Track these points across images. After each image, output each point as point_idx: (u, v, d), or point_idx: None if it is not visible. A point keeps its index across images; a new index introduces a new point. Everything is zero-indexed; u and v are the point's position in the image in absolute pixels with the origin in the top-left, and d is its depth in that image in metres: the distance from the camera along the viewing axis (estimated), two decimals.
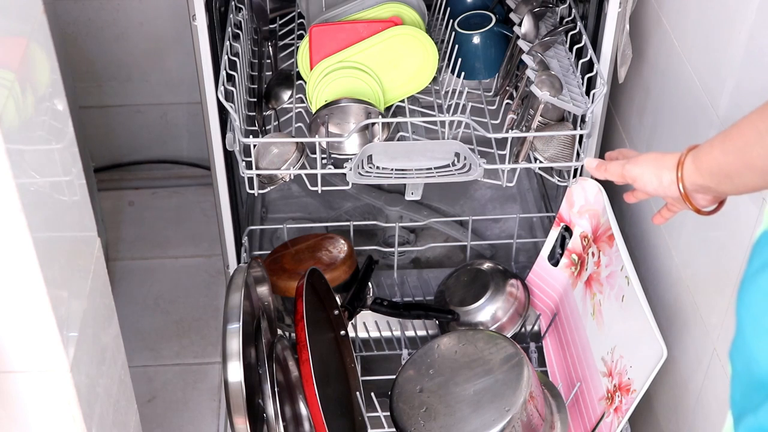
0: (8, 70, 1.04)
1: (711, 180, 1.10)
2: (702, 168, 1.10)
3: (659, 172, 1.16)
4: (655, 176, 1.17)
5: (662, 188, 1.17)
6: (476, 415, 1.41)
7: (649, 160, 1.19)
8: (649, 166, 1.18)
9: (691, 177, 1.12)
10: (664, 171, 1.16)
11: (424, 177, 1.60)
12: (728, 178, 1.07)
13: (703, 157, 1.09)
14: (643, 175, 1.19)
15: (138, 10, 2.38)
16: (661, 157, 1.17)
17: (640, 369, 1.45)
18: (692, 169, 1.12)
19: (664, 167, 1.15)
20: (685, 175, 1.12)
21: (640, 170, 1.19)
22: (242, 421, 1.38)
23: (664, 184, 1.16)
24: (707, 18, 1.45)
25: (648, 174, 1.18)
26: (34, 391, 1.18)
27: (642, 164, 1.19)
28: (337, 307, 1.67)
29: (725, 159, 1.04)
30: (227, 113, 1.62)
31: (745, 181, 1.04)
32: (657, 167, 1.17)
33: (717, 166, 1.07)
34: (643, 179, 1.19)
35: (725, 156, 1.04)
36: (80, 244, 1.29)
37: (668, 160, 1.15)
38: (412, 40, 1.65)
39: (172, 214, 2.56)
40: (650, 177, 1.18)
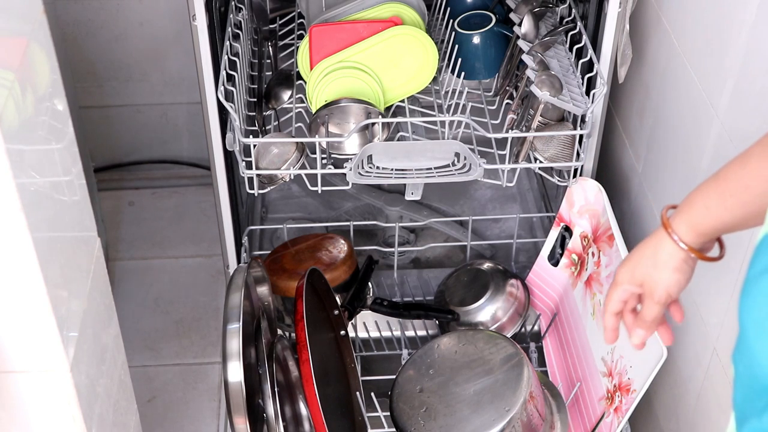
0: (8, 70, 1.04)
1: (713, 234, 1.04)
2: (702, 230, 1.04)
3: (657, 258, 1.07)
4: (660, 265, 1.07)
5: (672, 270, 1.07)
6: (476, 415, 1.41)
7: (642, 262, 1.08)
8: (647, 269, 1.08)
9: (690, 240, 1.05)
10: (660, 254, 1.07)
11: (424, 177, 1.60)
12: (734, 228, 1.02)
13: (701, 220, 1.03)
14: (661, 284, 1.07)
15: (138, 10, 2.38)
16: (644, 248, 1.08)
17: (640, 369, 1.45)
18: (689, 234, 1.05)
19: (657, 252, 1.07)
20: (684, 239, 1.05)
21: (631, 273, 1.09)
22: (242, 421, 1.38)
23: (666, 261, 1.06)
24: (707, 18, 1.45)
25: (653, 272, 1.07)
26: (34, 391, 1.18)
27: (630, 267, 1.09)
28: (337, 307, 1.67)
29: (730, 215, 0.99)
30: (227, 113, 1.62)
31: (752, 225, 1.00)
32: (652, 260, 1.07)
33: (722, 224, 1.02)
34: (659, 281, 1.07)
35: (730, 213, 0.99)
36: (80, 244, 1.29)
37: (655, 244, 1.07)
38: (412, 40, 1.65)
39: (172, 214, 2.56)
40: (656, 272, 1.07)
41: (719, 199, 1.00)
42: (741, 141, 1.32)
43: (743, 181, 0.96)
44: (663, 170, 1.65)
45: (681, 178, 1.56)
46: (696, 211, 1.04)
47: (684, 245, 1.05)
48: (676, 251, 1.06)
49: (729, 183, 0.99)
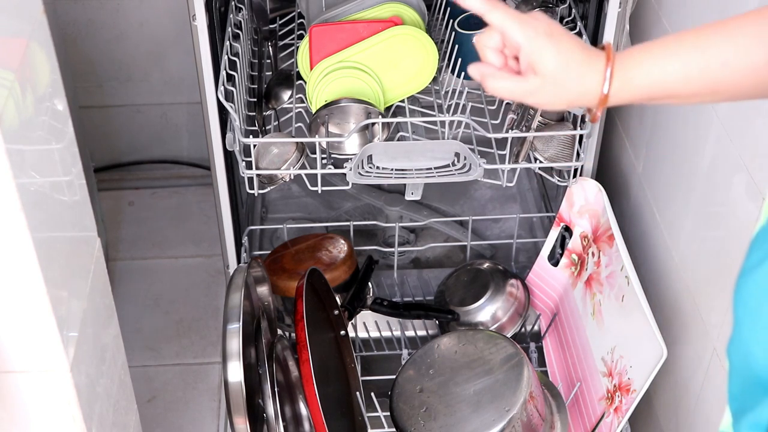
0: (8, 70, 1.04)
1: (639, 101, 0.92)
2: (635, 92, 0.91)
3: (569, 85, 0.92)
4: (561, 88, 0.92)
5: (566, 103, 0.94)
6: (476, 415, 1.41)
7: (558, 71, 0.92)
8: (556, 78, 0.92)
9: (618, 94, 0.92)
10: (577, 85, 0.92)
11: (424, 177, 1.60)
12: (664, 98, 0.91)
13: (641, 82, 0.90)
14: (548, 97, 0.93)
15: (138, 10, 2.38)
16: (571, 64, 0.91)
17: (640, 369, 1.45)
18: (618, 90, 0.91)
19: (578, 79, 0.92)
20: (612, 93, 0.91)
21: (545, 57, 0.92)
22: (242, 421, 1.38)
23: (572, 99, 0.93)
24: (707, 18, 1.45)
25: (550, 88, 0.92)
26: (34, 391, 1.18)
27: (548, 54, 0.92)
28: (337, 307, 1.67)
29: (685, 86, 0.89)
30: (227, 113, 1.62)
31: (695, 101, 0.90)
32: (566, 80, 0.92)
33: (664, 92, 0.90)
34: (543, 93, 0.93)
35: (686, 83, 0.88)
36: (80, 244, 1.29)
37: (584, 73, 0.91)
38: (412, 40, 1.65)
39: (172, 214, 2.56)
40: (553, 90, 0.92)
41: (682, 66, 0.88)
42: (741, 141, 1.32)
43: (724, 57, 0.86)
44: (663, 170, 1.65)
45: (681, 178, 1.56)
46: (647, 72, 0.90)
47: (606, 90, 0.91)
48: (593, 92, 0.91)
49: (704, 54, 0.87)
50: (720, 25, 0.88)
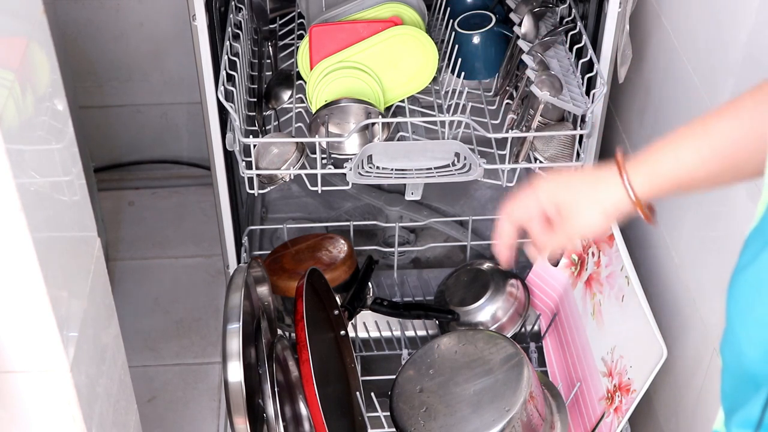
0: (8, 70, 1.04)
1: (668, 190, 0.97)
2: (662, 185, 0.96)
3: (596, 198, 0.99)
4: (594, 205, 0.98)
5: (603, 216, 0.99)
6: (476, 415, 1.41)
7: (577, 195, 0.99)
8: (580, 202, 0.99)
9: (642, 192, 0.97)
10: (602, 196, 0.98)
11: (424, 177, 1.60)
12: (697, 186, 0.95)
13: (668, 173, 0.96)
14: (577, 212, 0.99)
15: (138, 10, 2.38)
16: (586, 183, 1.00)
17: (640, 369, 1.45)
18: (645, 185, 0.97)
19: (601, 192, 0.98)
20: (637, 189, 0.97)
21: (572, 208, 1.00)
22: (242, 421, 1.38)
23: (606, 208, 0.98)
24: (707, 18, 1.45)
25: (584, 210, 0.99)
26: (34, 391, 1.18)
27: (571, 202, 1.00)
28: (337, 307, 1.67)
29: (705, 170, 0.93)
30: (227, 113, 1.62)
31: (719, 182, 0.94)
32: (590, 197, 0.99)
33: (689, 179, 0.95)
34: (579, 217, 0.99)
35: (705, 167, 0.93)
36: (80, 244, 1.29)
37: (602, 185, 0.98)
38: (412, 40, 1.65)
39: (172, 214, 2.56)
40: (586, 211, 0.98)
41: (695, 151, 0.93)
42: None
43: (731, 135, 0.90)
44: None
45: None
46: (663, 162, 0.95)
47: (633, 196, 0.96)
48: (621, 198, 0.97)
49: (712, 136, 0.92)
50: (722, 108, 0.93)
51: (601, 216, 1.00)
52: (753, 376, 0.72)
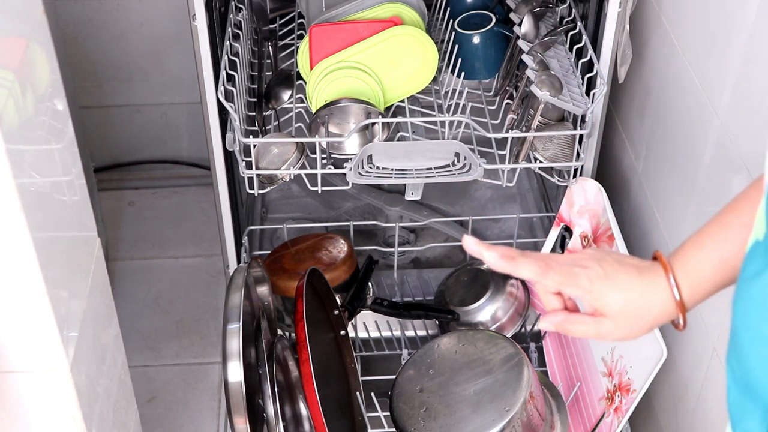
0: (8, 70, 1.04)
1: (716, 288, 0.93)
2: (706, 280, 0.92)
3: (646, 314, 0.93)
4: (642, 320, 0.93)
5: (650, 329, 0.94)
6: (476, 415, 1.41)
7: (630, 307, 0.93)
8: (631, 314, 0.93)
9: (692, 297, 0.93)
10: (653, 311, 0.93)
11: (424, 177, 1.60)
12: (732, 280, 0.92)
13: (702, 287, 0.92)
14: (625, 334, 0.94)
15: (138, 10, 2.38)
16: (639, 297, 0.93)
17: (640, 369, 1.45)
18: (691, 290, 0.92)
19: (651, 308, 0.93)
20: (684, 295, 0.92)
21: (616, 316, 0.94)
22: (242, 421, 1.38)
23: (656, 322, 0.94)
24: (707, 18, 1.45)
25: (632, 322, 0.94)
26: (34, 391, 1.18)
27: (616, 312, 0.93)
28: (337, 307, 1.67)
29: (729, 277, 0.91)
30: (227, 113, 1.62)
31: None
32: (642, 312, 0.93)
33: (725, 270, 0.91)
34: (627, 329, 0.94)
35: (726, 276, 0.91)
36: (80, 244, 1.29)
37: (651, 304, 0.92)
38: (412, 40, 1.65)
39: (172, 214, 2.56)
40: (635, 324, 0.94)
41: (718, 265, 0.91)
42: (741, 141, 1.32)
43: (737, 248, 0.88)
44: (663, 170, 1.65)
45: (681, 178, 1.56)
46: (696, 278, 0.92)
47: (679, 298, 0.92)
48: (664, 311, 0.92)
49: (725, 251, 0.90)
50: (745, 195, 0.90)
51: (647, 329, 0.95)
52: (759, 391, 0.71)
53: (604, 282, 0.93)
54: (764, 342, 0.71)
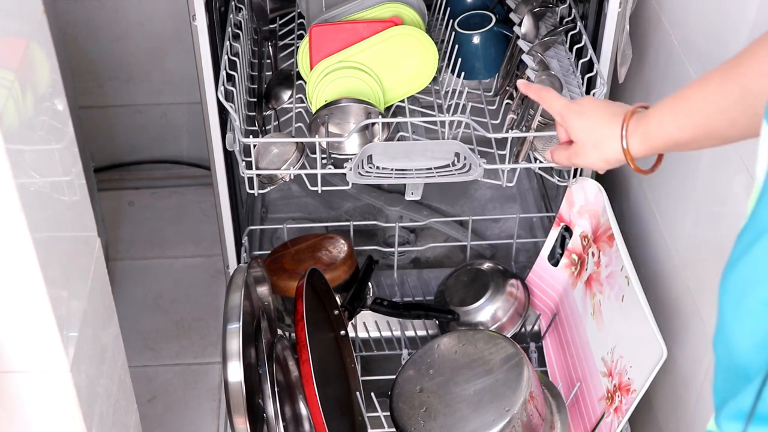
0: (8, 70, 1.04)
1: (662, 150, 1.12)
2: (653, 144, 1.11)
3: (600, 145, 1.17)
4: (596, 150, 1.18)
5: (604, 161, 1.18)
6: (476, 415, 1.41)
7: (588, 135, 1.19)
8: (588, 142, 1.19)
9: (638, 150, 1.13)
10: (606, 144, 1.16)
11: (424, 177, 1.60)
12: (683, 147, 1.09)
13: (654, 134, 1.10)
14: (586, 158, 1.21)
15: (138, 10, 2.38)
16: (597, 128, 1.18)
17: (640, 369, 1.45)
18: (640, 144, 1.12)
19: (605, 140, 1.16)
20: (632, 149, 1.13)
21: (582, 151, 1.21)
22: (242, 421, 1.38)
23: (608, 157, 1.17)
24: (707, 18, 1.45)
25: (589, 150, 1.19)
26: (34, 391, 1.18)
27: (581, 141, 1.20)
28: (337, 307, 1.67)
29: (681, 134, 1.06)
30: (227, 113, 1.62)
31: (702, 146, 1.07)
32: (596, 141, 1.18)
33: (672, 141, 1.08)
34: (585, 156, 1.21)
35: (681, 132, 1.06)
36: (80, 244, 1.29)
37: (607, 134, 1.15)
38: (412, 40, 1.65)
39: (172, 214, 2.56)
40: (591, 152, 1.19)
41: (673, 117, 1.06)
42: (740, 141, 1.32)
43: (698, 105, 1.02)
44: (663, 170, 1.64)
45: (680, 178, 1.56)
46: (651, 125, 1.10)
47: (625, 147, 1.13)
48: (617, 149, 1.14)
49: (685, 103, 1.05)
50: (696, 80, 1.05)
51: (603, 161, 1.19)
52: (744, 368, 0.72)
53: (576, 114, 1.21)
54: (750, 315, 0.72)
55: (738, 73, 0.97)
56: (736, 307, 0.74)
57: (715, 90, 1.00)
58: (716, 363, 0.78)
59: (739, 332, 0.73)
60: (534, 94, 1.32)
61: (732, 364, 0.74)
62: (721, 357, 0.77)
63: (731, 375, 0.75)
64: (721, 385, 0.77)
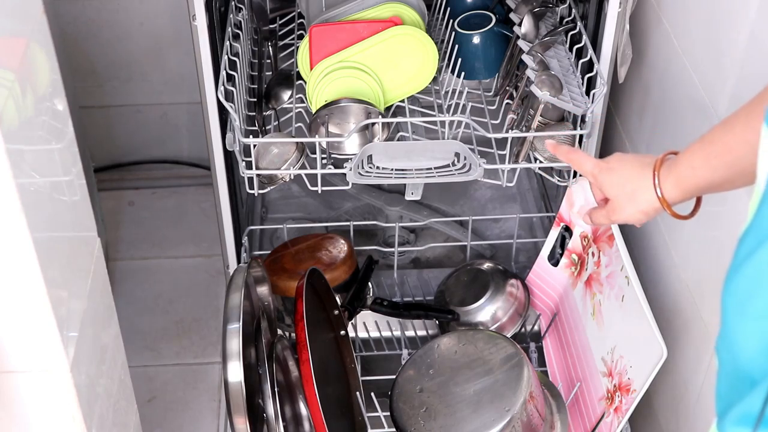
0: (8, 70, 1.04)
1: (698, 193, 1.13)
2: (687, 188, 1.12)
3: (635, 197, 1.19)
4: (632, 203, 1.20)
5: (642, 213, 1.20)
6: (476, 415, 1.41)
7: (621, 191, 1.21)
8: (622, 197, 1.21)
9: (673, 196, 1.14)
10: (639, 196, 1.18)
11: (424, 177, 1.60)
12: (718, 188, 1.09)
13: (687, 179, 1.11)
14: (623, 213, 1.22)
15: (138, 10, 2.38)
16: (629, 182, 1.20)
17: (640, 369, 1.45)
18: (674, 190, 1.14)
19: (638, 192, 1.18)
20: (667, 195, 1.15)
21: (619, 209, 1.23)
22: (242, 421, 1.38)
23: (644, 208, 1.19)
24: (707, 18, 1.45)
25: (625, 205, 1.21)
26: (34, 391, 1.18)
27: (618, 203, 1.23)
28: (337, 307, 1.67)
29: (714, 175, 1.07)
30: (227, 113, 1.62)
31: (737, 185, 1.07)
32: (630, 195, 1.20)
33: (705, 184, 1.09)
34: (622, 211, 1.22)
35: (714, 173, 1.06)
36: (80, 244, 1.29)
37: (640, 185, 1.17)
38: (412, 40, 1.65)
39: (172, 214, 2.56)
40: (627, 206, 1.21)
41: (704, 159, 1.07)
42: None
43: (728, 145, 1.03)
44: None
45: None
46: (682, 170, 1.12)
47: (660, 195, 1.15)
48: (652, 199, 1.16)
49: (714, 145, 1.05)
50: (723, 120, 1.06)
51: (641, 213, 1.20)
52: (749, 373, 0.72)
53: (607, 172, 1.24)
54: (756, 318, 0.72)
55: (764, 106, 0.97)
56: (741, 311, 0.74)
57: (743, 128, 1.01)
58: (720, 368, 0.77)
59: (743, 336, 0.73)
60: (563, 156, 1.35)
61: (737, 369, 0.74)
62: (725, 362, 0.77)
63: (736, 380, 0.74)
64: (725, 391, 0.77)
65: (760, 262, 0.71)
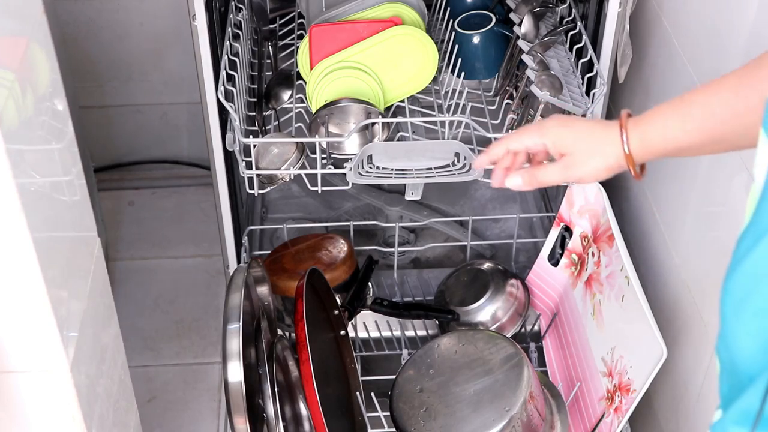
0: (8, 70, 1.04)
1: (660, 155, 1.06)
2: (652, 148, 1.05)
3: (599, 151, 1.09)
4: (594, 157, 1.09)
5: (606, 169, 1.09)
6: (476, 415, 1.41)
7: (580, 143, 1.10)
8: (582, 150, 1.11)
9: (639, 155, 1.06)
10: (604, 149, 1.08)
11: (424, 177, 1.60)
12: (685, 152, 1.04)
13: (655, 138, 1.04)
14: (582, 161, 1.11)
15: (138, 10, 2.38)
16: (589, 134, 1.10)
17: (640, 369, 1.45)
18: (638, 147, 1.05)
19: (602, 145, 1.08)
20: (632, 148, 1.06)
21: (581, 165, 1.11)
22: (242, 421, 1.38)
23: (609, 164, 1.08)
24: (707, 18, 1.45)
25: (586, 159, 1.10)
26: (34, 391, 1.18)
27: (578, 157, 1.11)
28: (337, 307, 1.67)
29: (685, 138, 1.01)
30: (227, 113, 1.62)
31: (705, 152, 1.03)
32: (592, 148, 1.09)
33: (673, 147, 1.03)
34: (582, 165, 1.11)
35: (688, 136, 1.01)
36: (80, 244, 1.29)
37: (603, 138, 1.08)
38: (412, 40, 1.65)
39: (172, 214, 2.56)
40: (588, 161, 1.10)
41: (679, 122, 1.01)
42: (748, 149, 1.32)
43: (710, 108, 0.98)
44: (663, 170, 1.65)
45: (681, 178, 1.56)
46: (653, 128, 1.04)
47: (627, 150, 1.06)
48: (617, 153, 1.07)
49: (694, 107, 1.00)
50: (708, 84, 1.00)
51: (603, 168, 1.10)
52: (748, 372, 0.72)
53: (561, 127, 1.13)
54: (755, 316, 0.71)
55: (757, 77, 0.94)
56: (739, 310, 0.73)
57: (730, 94, 0.96)
58: (720, 368, 0.77)
59: (741, 334, 0.73)
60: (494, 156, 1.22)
61: (735, 368, 0.74)
62: (725, 361, 0.77)
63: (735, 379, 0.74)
64: (727, 390, 0.76)
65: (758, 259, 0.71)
